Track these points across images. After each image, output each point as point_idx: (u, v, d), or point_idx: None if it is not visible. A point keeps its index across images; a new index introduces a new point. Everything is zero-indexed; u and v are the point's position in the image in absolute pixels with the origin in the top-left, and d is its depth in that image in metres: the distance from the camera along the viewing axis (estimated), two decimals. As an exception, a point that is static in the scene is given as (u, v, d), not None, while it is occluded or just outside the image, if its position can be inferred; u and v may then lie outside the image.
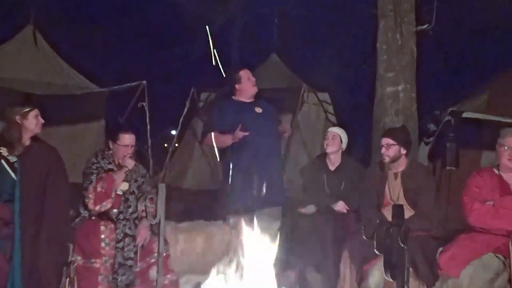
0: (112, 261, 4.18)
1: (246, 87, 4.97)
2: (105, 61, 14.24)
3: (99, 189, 4.21)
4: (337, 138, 5.05)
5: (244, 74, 4.99)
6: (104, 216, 4.27)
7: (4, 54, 7.80)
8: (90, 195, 4.22)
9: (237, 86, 4.98)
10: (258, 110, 4.96)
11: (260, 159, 4.75)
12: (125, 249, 4.22)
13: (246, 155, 4.77)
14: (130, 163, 4.36)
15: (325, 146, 5.09)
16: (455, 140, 5.38)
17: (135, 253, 4.26)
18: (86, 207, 4.26)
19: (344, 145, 5.10)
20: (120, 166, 4.35)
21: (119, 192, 4.32)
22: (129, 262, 4.21)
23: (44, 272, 3.90)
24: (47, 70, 7.88)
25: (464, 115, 5.50)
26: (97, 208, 4.23)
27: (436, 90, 11.57)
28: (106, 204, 4.24)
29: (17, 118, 3.96)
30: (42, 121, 4.04)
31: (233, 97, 5.04)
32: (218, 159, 5.25)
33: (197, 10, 13.63)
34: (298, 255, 4.78)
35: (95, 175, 4.26)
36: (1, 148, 3.92)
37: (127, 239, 4.24)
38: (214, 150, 5.28)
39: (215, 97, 8.43)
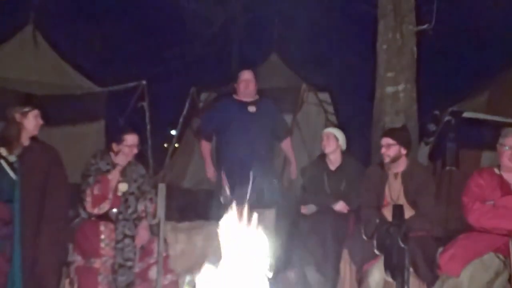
0: (112, 261, 4.17)
1: (240, 87, 5.17)
2: (105, 61, 14.25)
3: (96, 192, 4.20)
4: (332, 138, 4.99)
5: (241, 74, 5.21)
6: (104, 216, 4.26)
7: (4, 54, 7.78)
8: (88, 198, 4.21)
9: (236, 85, 5.21)
10: (252, 109, 5.12)
11: (243, 159, 4.86)
12: (125, 250, 4.21)
13: (231, 153, 5.03)
14: (121, 160, 4.35)
15: (322, 147, 5.07)
16: (455, 140, 5.39)
17: (135, 253, 4.25)
18: (85, 209, 4.26)
19: (342, 144, 5.04)
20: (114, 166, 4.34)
21: (119, 194, 4.31)
22: (129, 263, 4.20)
23: (44, 272, 3.90)
24: (47, 70, 7.86)
25: (464, 115, 5.50)
26: (95, 211, 4.22)
27: (436, 90, 11.56)
28: (104, 206, 4.23)
29: (17, 116, 3.95)
30: (42, 122, 4.03)
31: (234, 95, 5.25)
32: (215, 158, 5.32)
33: (197, 10, 13.64)
34: (298, 255, 4.77)
35: (92, 177, 4.24)
36: (1, 148, 3.91)
37: (126, 240, 4.23)
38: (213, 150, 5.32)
39: (216, 96, 8.43)
